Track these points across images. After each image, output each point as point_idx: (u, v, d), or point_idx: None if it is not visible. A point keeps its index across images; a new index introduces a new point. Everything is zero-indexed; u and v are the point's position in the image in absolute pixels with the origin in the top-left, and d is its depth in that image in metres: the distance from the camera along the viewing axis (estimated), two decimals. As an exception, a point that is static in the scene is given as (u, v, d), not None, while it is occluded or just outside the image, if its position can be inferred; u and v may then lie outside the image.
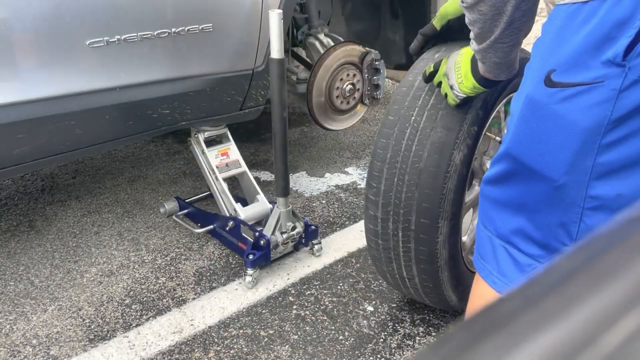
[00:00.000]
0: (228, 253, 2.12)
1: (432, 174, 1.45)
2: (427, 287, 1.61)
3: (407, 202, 1.48)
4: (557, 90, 0.87)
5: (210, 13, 1.88)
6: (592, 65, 0.83)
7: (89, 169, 2.76)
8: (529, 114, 0.92)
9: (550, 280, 0.26)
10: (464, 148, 1.45)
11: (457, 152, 1.45)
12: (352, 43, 2.28)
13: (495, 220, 1.07)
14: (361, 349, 1.68)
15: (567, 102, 0.86)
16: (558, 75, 0.87)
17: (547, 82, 0.88)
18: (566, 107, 0.86)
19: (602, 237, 0.28)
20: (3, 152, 1.63)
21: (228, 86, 2.01)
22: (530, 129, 0.93)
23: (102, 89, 1.73)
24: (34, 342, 1.70)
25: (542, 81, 0.89)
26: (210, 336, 1.72)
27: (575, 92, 0.85)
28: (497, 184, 1.05)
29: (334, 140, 3.11)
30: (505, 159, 1.00)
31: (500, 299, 0.26)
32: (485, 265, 1.11)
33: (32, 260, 2.07)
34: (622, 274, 0.25)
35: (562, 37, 0.87)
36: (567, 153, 0.89)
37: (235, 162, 2.18)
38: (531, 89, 0.91)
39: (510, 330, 0.23)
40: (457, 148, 1.44)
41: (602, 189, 0.88)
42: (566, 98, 0.86)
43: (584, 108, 0.84)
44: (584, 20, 0.83)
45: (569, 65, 0.85)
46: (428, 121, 1.46)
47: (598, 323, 0.22)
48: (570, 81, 0.85)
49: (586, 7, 0.83)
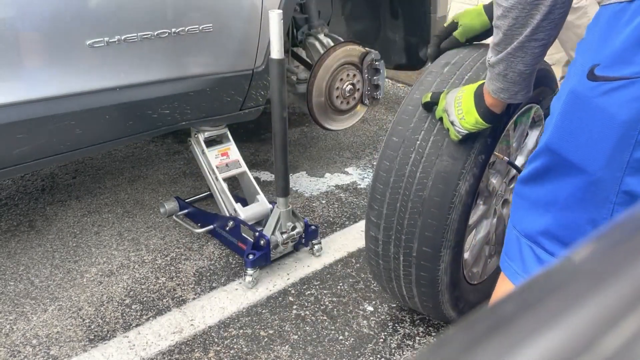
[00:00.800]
0: (228, 253, 2.12)
1: (436, 204, 1.39)
2: (427, 306, 1.61)
3: (410, 229, 1.44)
4: (599, 83, 0.89)
5: (210, 13, 1.88)
6: (635, 61, 0.85)
7: (89, 169, 2.75)
8: (571, 108, 0.94)
9: (550, 282, 0.26)
10: (470, 178, 1.39)
11: (463, 183, 1.38)
12: (352, 43, 2.28)
13: (524, 220, 1.08)
14: (361, 349, 1.68)
15: (607, 95, 0.88)
16: (601, 70, 0.88)
17: (589, 76, 0.90)
18: (607, 100, 0.88)
19: (601, 240, 0.28)
20: (3, 152, 1.63)
21: (228, 86, 2.01)
22: (571, 122, 0.94)
23: (102, 89, 1.73)
24: (34, 342, 1.70)
25: (585, 75, 0.90)
26: (210, 336, 1.72)
27: (616, 86, 0.87)
28: (530, 183, 1.06)
29: (334, 140, 3.11)
30: (543, 154, 1.01)
31: (501, 300, 0.26)
32: (510, 264, 1.12)
33: (32, 260, 2.07)
34: (622, 276, 0.25)
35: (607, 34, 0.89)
36: (605, 146, 0.90)
37: (235, 162, 2.18)
38: (574, 84, 0.93)
39: (510, 331, 0.23)
40: (462, 178, 1.38)
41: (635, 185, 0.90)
42: (607, 92, 0.88)
43: (623, 102, 0.86)
44: (630, 18, 0.85)
45: (613, 60, 0.87)
46: (434, 148, 1.39)
47: (598, 325, 0.22)
48: (613, 75, 0.87)
49: (632, 5, 0.85)
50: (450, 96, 1.33)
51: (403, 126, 1.44)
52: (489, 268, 1.83)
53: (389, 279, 1.60)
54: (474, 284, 1.73)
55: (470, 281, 1.71)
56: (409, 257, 1.48)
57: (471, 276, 1.72)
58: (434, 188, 1.39)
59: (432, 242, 1.43)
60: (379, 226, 1.50)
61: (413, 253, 1.46)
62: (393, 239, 1.48)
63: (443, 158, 1.38)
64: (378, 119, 3.36)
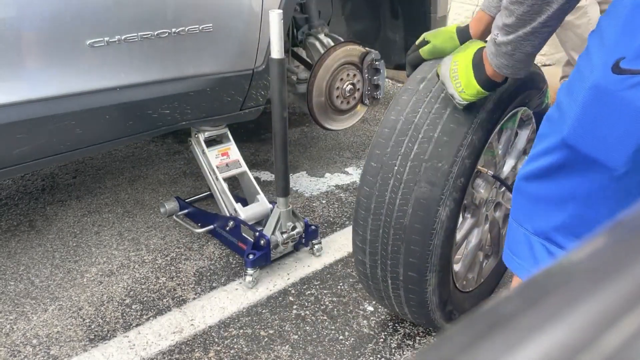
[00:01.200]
0: (228, 253, 2.12)
1: (417, 231, 1.37)
2: (421, 322, 1.62)
3: (394, 255, 1.42)
4: (625, 77, 0.87)
5: (210, 13, 1.88)
6: None
7: (89, 169, 2.76)
8: (594, 102, 0.91)
9: (551, 281, 0.26)
10: (450, 203, 1.36)
11: (443, 209, 1.35)
12: (352, 43, 2.28)
13: (534, 217, 1.06)
14: (361, 349, 1.68)
15: (635, 89, 0.86)
16: (627, 63, 0.87)
17: (615, 70, 0.88)
18: (634, 94, 0.86)
19: (602, 238, 0.28)
20: (3, 152, 1.63)
21: (228, 86, 2.01)
22: (594, 117, 0.92)
23: (102, 89, 1.73)
24: (34, 341, 1.70)
25: (609, 69, 0.88)
26: (211, 336, 1.72)
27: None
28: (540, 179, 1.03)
29: (334, 140, 3.11)
30: (558, 150, 0.98)
31: (501, 299, 0.26)
32: (521, 263, 1.10)
33: (32, 260, 2.07)
34: (622, 274, 0.25)
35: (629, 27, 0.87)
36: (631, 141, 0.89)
37: (235, 162, 2.18)
38: (597, 78, 0.90)
39: (510, 330, 0.23)
40: (442, 204, 1.34)
41: None
42: (634, 85, 0.86)
43: None
44: None
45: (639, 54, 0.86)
46: (411, 174, 1.35)
47: (598, 323, 0.22)
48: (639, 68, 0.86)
49: None
50: (444, 68, 1.30)
51: (380, 150, 1.41)
52: (485, 271, 1.83)
53: (381, 298, 1.61)
54: (469, 291, 1.72)
55: (465, 289, 1.69)
56: (396, 280, 1.47)
57: (466, 284, 1.70)
58: (414, 215, 1.36)
59: (417, 268, 1.41)
60: (365, 251, 1.49)
61: (400, 277, 1.45)
62: (379, 264, 1.47)
63: (421, 184, 1.34)
64: (378, 119, 3.36)
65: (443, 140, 1.34)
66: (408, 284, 1.45)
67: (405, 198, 1.36)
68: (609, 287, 0.24)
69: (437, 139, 1.34)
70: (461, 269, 1.66)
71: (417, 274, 1.42)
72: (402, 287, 1.47)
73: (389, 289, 1.52)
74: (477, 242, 1.70)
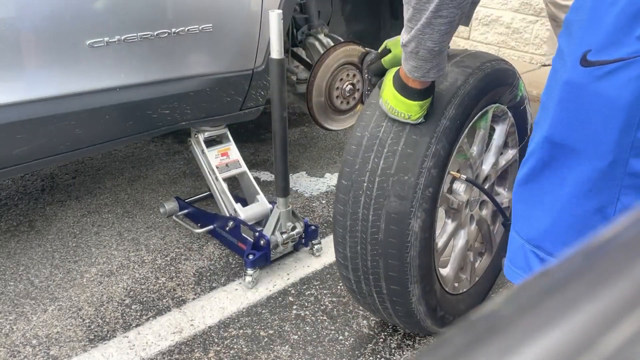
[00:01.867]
0: (228, 253, 2.12)
1: (393, 245, 1.37)
2: (414, 330, 1.63)
3: (375, 270, 1.43)
4: (594, 69, 0.88)
5: (210, 13, 1.88)
6: (626, 42, 0.84)
7: (89, 169, 2.76)
8: (568, 97, 0.92)
9: (549, 282, 0.26)
10: (421, 214, 1.35)
11: (415, 220, 1.35)
12: (352, 43, 2.29)
13: (525, 225, 1.06)
14: (361, 349, 1.68)
15: (605, 79, 0.87)
16: (594, 55, 0.87)
17: (582, 63, 0.89)
18: (604, 84, 0.87)
19: (601, 240, 0.28)
20: (3, 152, 1.63)
21: (228, 86, 2.01)
22: (571, 112, 0.93)
23: (102, 89, 1.73)
24: (33, 342, 1.70)
25: (577, 63, 0.89)
26: (210, 336, 1.72)
27: (612, 69, 0.86)
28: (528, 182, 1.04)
29: (334, 140, 3.11)
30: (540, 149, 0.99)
31: (500, 301, 0.26)
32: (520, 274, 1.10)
33: (32, 261, 2.07)
34: (621, 276, 0.25)
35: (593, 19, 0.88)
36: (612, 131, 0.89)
37: (235, 162, 2.18)
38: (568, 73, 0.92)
39: (509, 332, 0.23)
40: (414, 216, 1.34)
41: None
42: (603, 75, 0.87)
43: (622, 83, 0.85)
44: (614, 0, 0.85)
45: (604, 44, 0.87)
46: (380, 189, 1.36)
47: (597, 326, 0.22)
48: (606, 59, 0.86)
49: None
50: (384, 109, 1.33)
51: (349, 168, 1.41)
52: (479, 270, 1.82)
53: (372, 310, 1.61)
54: (463, 292, 1.71)
55: (458, 291, 1.69)
56: (381, 294, 1.47)
57: (458, 286, 1.70)
58: (387, 230, 1.36)
59: (398, 281, 1.41)
60: (348, 267, 1.50)
61: (383, 291, 1.45)
62: (362, 279, 1.48)
63: (391, 199, 1.34)
64: (378, 119, 3.36)
65: (407, 152, 1.33)
66: (392, 297, 1.45)
67: (377, 214, 1.36)
68: (606, 290, 0.24)
69: (401, 152, 1.34)
70: (450, 273, 1.65)
71: (399, 286, 1.42)
72: (388, 300, 1.47)
73: (377, 303, 1.52)
74: (464, 243, 1.68)
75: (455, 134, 1.39)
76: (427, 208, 1.37)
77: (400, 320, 1.55)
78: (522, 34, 3.95)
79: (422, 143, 1.33)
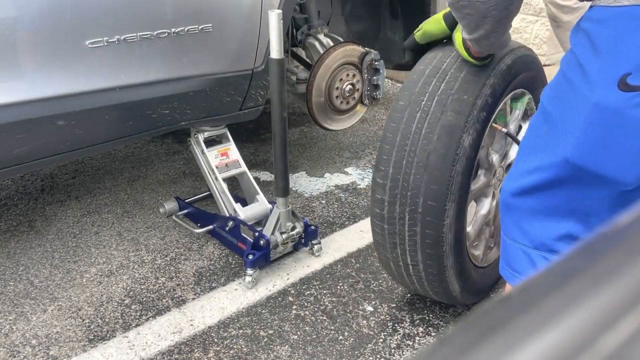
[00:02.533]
0: (228, 253, 2.12)
1: (441, 156, 1.46)
2: (431, 274, 1.59)
3: (415, 184, 1.49)
4: (635, 94, 0.83)
5: (210, 13, 1.88)
6: None
7: (89, 169, 2.75)
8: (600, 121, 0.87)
9: (549, 282, 0.26)
10: (473, 132, 1.47)
11: (467, 136, 1.46)
12: (351, 43, 2.28)
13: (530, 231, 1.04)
14: (361, 349, 1.68)
15: None
16: (635, 79, 0.83)
17: (621, 87, 0.84)
18: None
19: (601, 239, 0.28)
20: (3, 152, 1.63)
21: (228, 86, 2.01)
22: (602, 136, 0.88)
23: (102, 89, 1.73)
24: (33, 342, 1.70)
25: (614, 85, 0.84)
26: (210, 336, 1.72)
27: None
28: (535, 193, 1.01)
29: (334, 140, 3.11)
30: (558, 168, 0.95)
31: (500, 300, 0.26)
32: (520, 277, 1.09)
33: (31, 260, 2.07)
34: (621, 275, 0.25)
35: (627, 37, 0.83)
36: None
37: (235, 162, 2.18)
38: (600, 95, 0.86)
39: (509, 331, 0.23)
40: (466, 131, 1.46)
41: None
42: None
43: None
44: None
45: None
46: (438, 105, 1.48)
47: (597, 325, 0.22)
48: None
49: None
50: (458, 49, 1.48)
51: (409, 91, 1.54)
52: (490, 257, 1.85)
53: (393, 245, 1.60)
54: (475, 265, 1.74)
55: (472, 260, 1.72)
56: (414, 214, 1.51)
57: (474, 256, 1.74)
58: (439, 141, 1.46)
59: (437, 195, 1.47)
60: (385, 187, 1.54)
61: (418, 209, 1.50)
62: (399, 197, 1.53)
63: (447, 113, 1.46)
64: (378, 119, 3.36)
65: (469, 78, 1.50)
66: (426, 216, 1.49)
67: (431, 126, 1.48)
68: (606, 288, 0.24)
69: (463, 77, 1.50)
70: (471, 231, 1.71)
71: (436, 202, 1.48)
72: (420, 221, 1.51)
73: (405, 228, 1.54)
74: (485, 212, 1.76)
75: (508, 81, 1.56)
76: (478, 129, 1.49)
77: (424, 251, 1.55)
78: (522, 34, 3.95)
79: (484, 71, 1.50)
